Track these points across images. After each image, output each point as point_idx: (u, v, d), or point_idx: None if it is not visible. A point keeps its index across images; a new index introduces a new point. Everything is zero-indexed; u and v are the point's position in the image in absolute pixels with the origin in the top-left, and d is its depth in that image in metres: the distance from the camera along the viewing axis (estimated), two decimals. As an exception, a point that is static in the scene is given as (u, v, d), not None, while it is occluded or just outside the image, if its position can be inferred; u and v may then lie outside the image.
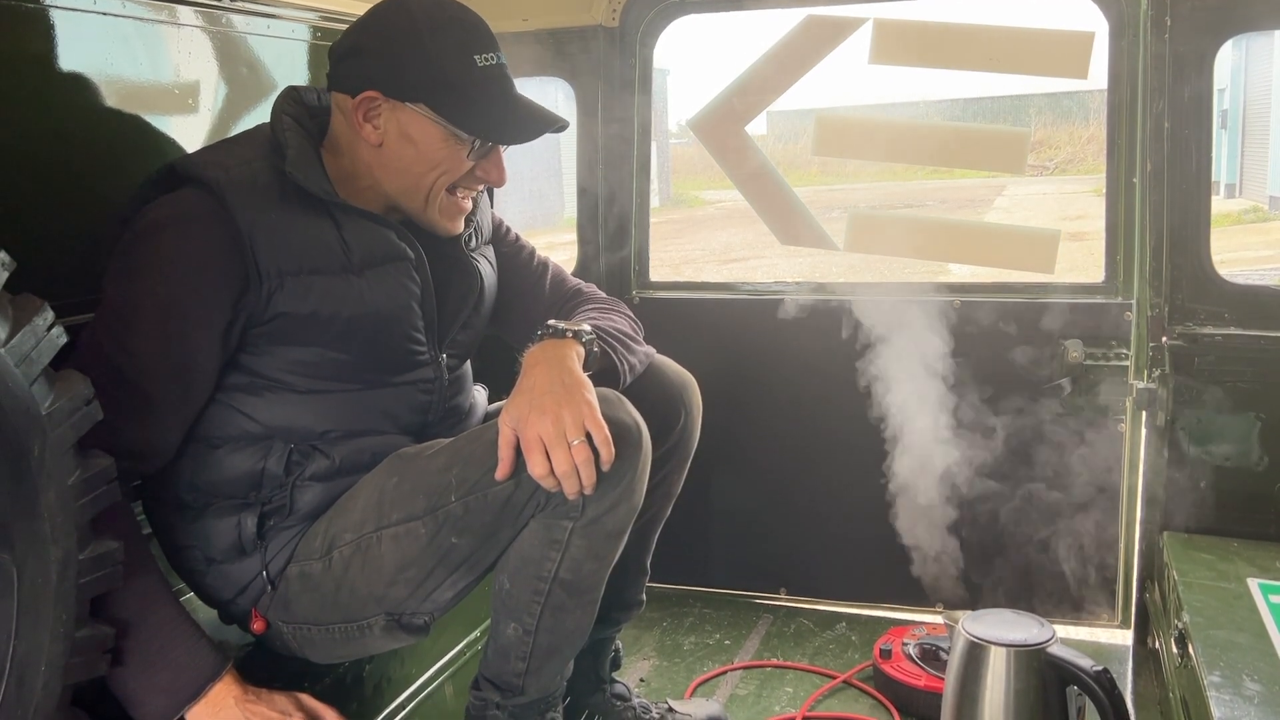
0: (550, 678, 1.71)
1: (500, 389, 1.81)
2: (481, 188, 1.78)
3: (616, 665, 2.04)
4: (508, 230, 1.98)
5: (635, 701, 2.02)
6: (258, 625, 1.66)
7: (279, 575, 1.64)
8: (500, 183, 1.70)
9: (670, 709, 2.03)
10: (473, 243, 1.84)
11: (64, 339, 1.30)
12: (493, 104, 1.62)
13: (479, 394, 1.93)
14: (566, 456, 1.46)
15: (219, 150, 1.65)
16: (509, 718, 1.71)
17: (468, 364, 1.87)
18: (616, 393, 1.59)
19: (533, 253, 2.00)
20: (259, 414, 1.61)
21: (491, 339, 1.95)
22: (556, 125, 1.69)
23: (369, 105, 1.60)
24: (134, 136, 1.87)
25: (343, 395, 1.64)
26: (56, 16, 1.71)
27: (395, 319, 1.67)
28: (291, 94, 1.69)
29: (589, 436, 1.47)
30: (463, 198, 1.71)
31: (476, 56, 1.60)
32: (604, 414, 1.52)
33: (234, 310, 1.54)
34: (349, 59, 1.63)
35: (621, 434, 1.52)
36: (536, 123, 1.66)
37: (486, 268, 1.87)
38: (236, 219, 1.51)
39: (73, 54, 1.74)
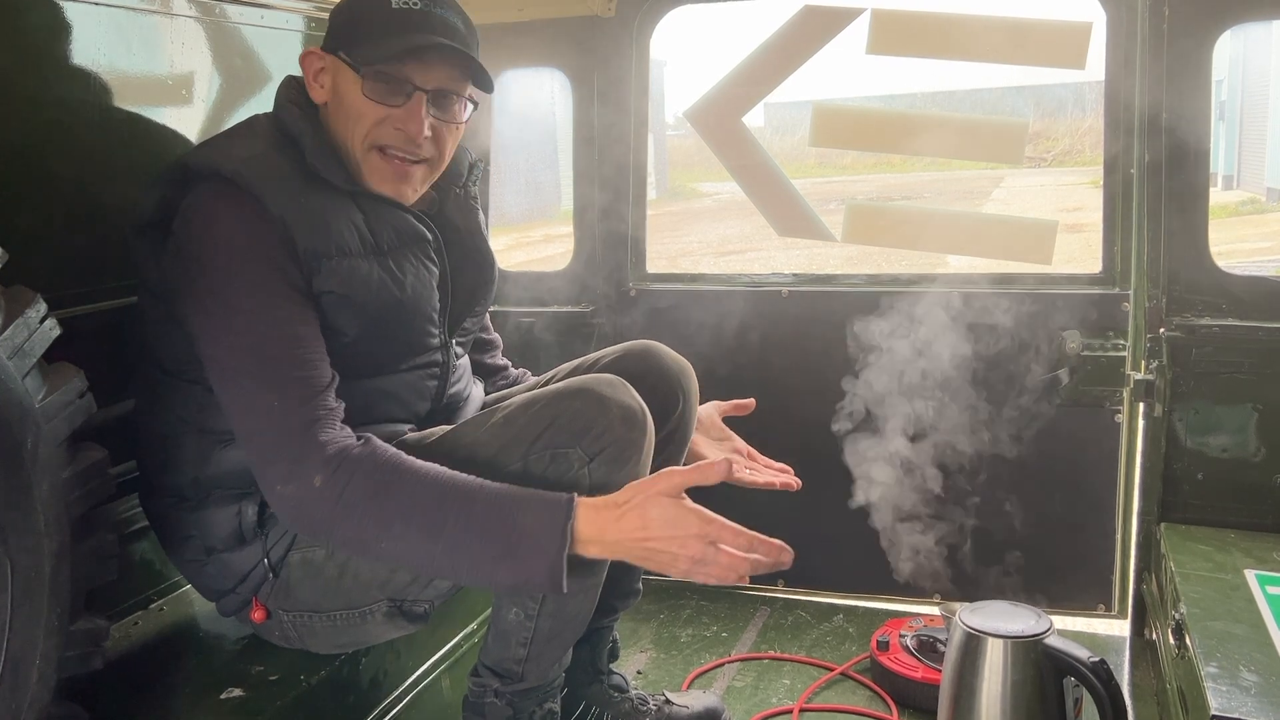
0: (550, 665, 1.72)
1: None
2: (425, 157, 1.65)
3: (614, 656, 2.05)
4: None
5: (633, 693, 2.02)
6: (258, 614, 1.66)
7: (280, 562, 1.63)
8: (415, 135, 1.59)
9: (667, 700, 2.03)
10: (487, 231, 1.86)
11: (57, 331, 1.29)
12: (393, 40, 1.56)
13: (476, 386, 1.93)
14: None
15: (224, 143, 1.62)
16: (507, 705, 1.71)
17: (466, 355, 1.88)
18: (620, 378, 1.60)
19: None
20: None
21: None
22: (448, 49, 1.56)
23: (311, 62, 1.63)
24: (127, 127, 1.86)
25: (355, 383, 1.63)
26: (49, 6, 1.70)
27: (420, 300, 1.67)
28: (294, 83, 1.68)
29: None
30: (398, 161, 1.62)
31: (393, 1, 1.57)
32: (608, 397, 1.53)
33: (302, 278, 1.53)
34: None
35: (626, 417, 1.53)
36: (418, 48, 1.55)
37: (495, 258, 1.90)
38: (267, 206, 1.51)
39: (65, 44, 1.73)
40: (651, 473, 1.64)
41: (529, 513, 1.42)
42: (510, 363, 2.13)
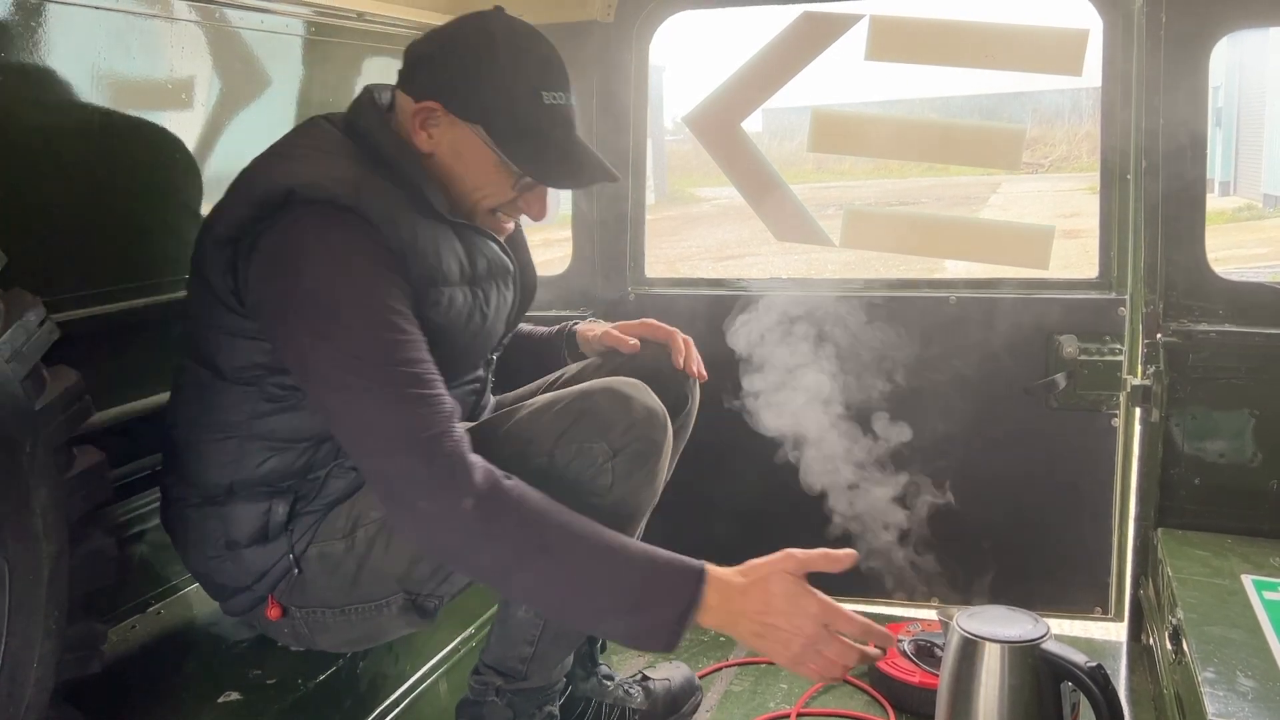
0: (553, 666, 1.73)
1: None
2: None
3: (604, 647, 2.06)
4: None
5: (617, 678, 2.04)
6: (274, 611, 1.66)
7: (300, 557, 1.64)
8: (539, 218, 1.72)
9: (645, 676, 2.07)
10: (525, 253, 1.90)
11: (56, 334, 1.30)
12: (549, 144, 1.62)
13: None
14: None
15: (317, 164, 1.56)
16: (507, 706, 1.72)
17: None
18: (641, 381, 1.62)
19: None
20: (317, 419, 1.59)
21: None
22: (608, 177, 1.69)
23: (427, 114, 1.60)
24: (127, 131, 1.87)
25: None
26: (49, 10, 1.70)
27: (495, 328, 1.73)
28: (374, 105, 1.65)
29: None
30: (504, 219, 1.72)
31: (545, 93, 1.60)
32: (632, 396, 1.56)
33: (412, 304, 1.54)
34: (421, 64, 1.63)
35: (649, 417, 1.57)
36: (588, 171, 1.66)
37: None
38: (382, 231, 1.51)
39: (65, 48, 1.73)
40: None
41: (665, 573, 1.44)
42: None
